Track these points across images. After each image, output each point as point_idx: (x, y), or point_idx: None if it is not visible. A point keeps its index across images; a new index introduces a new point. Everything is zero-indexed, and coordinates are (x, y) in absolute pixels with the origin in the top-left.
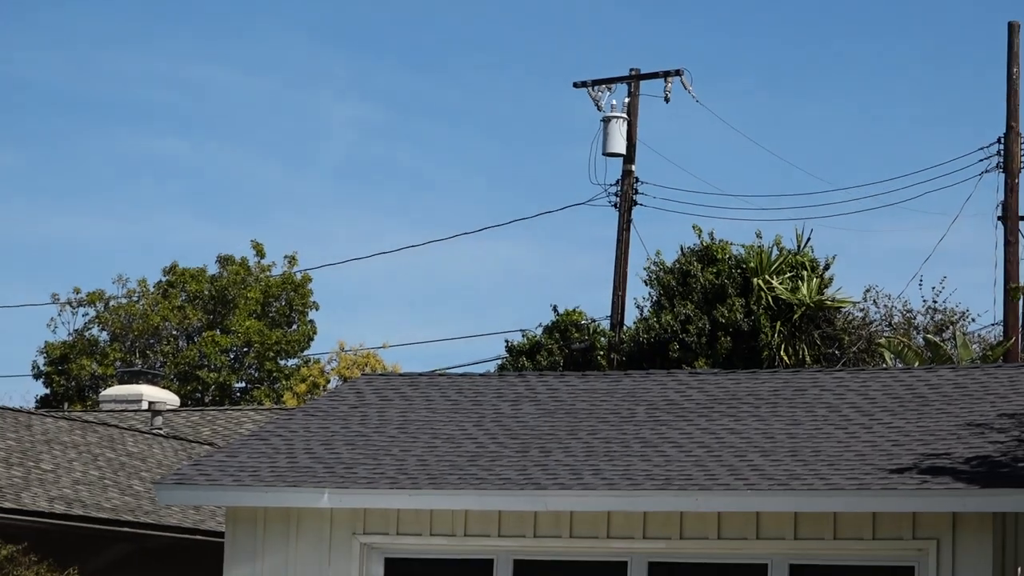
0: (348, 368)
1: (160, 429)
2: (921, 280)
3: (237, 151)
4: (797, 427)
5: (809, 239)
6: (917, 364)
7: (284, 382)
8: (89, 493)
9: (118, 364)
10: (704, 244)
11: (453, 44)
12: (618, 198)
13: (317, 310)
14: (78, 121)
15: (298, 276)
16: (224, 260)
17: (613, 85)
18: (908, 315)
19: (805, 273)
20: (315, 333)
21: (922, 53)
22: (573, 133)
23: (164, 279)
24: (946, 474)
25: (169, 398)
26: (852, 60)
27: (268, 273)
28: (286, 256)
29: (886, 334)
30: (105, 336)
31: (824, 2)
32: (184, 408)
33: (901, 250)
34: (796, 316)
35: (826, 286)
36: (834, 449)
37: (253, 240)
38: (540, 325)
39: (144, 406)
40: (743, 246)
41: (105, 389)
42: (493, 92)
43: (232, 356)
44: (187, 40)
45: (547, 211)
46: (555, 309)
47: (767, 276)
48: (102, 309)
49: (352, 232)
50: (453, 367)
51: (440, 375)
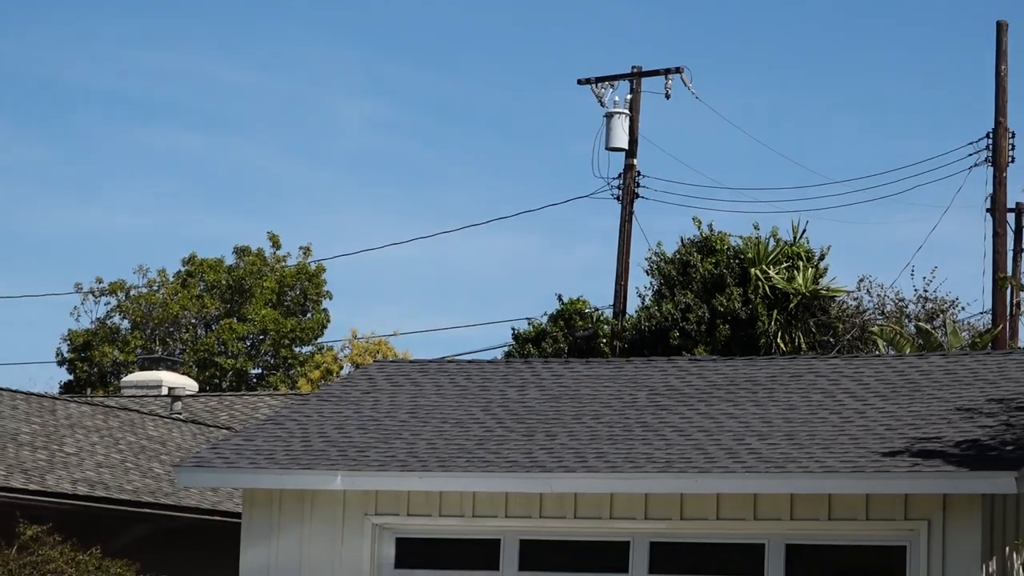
0: (360, 355)
1: (179, 414)
2: (913, 270)
3: (253, 147)
4: (793, 412)
5: (805, 230)
6: (909, 351)
7: (299, 369)
8: (111, 476)
9: (139, 351)
10: (703, 235)
11: (461, 43)
12: (620, 191)
13: (330, 299)
14: (102, 117)
15: (312, 266)
16: (241, 251)
17: (616, 82)
18: (900, 304)
19: (801, 263)
20: (328, 321)
21: (915, 51)
22: (577, 128)
23: (183, 269)
24: (937, 457)
25: (188, 384)
26: (847, 58)
27: (283, 263)
28: (301, 247)
29: (879, 322)
30: (126, 324)
31: (821, 2)
32: (202, 393)
33: (893, 241)
34: (792, 305)
35: (821, 276)
36: (829, 433)
37: (269, 232)
38: (545, 314)
39: (164, 392)
40: (741, 237)
41: (126, 375)
42: (500, 89)
43: (249, 343)
44: (206, 40)
45: (552, 204)
46: (560, 298)
47: (764, 266)
48: (123, 298)
49: (364, 224)
50: (461, 354)
51: (449, 362)
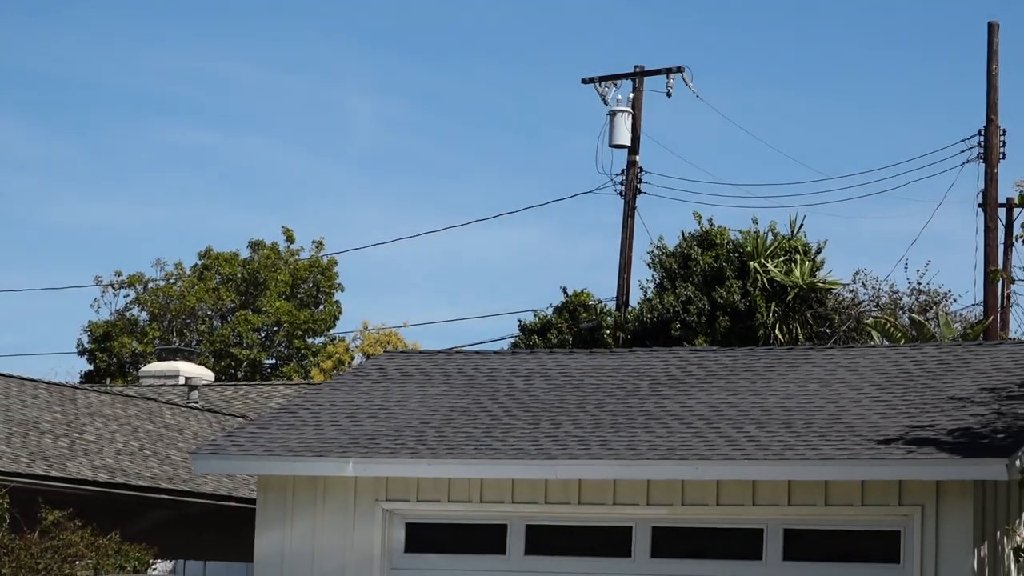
0: (371, 346)
1: (196, 403)
2: (907, 263)
3: (268, 143)
4: (791, 401)
5: (802, 225)
6: (903, 342)
7: (311, 359)
8: (130, 462)
9: (157, 342)
10: (704, 230)
11: (471, 45)
12: (623, 187)
13: (342, 291)
14: (123, 116)
15: (325, 260)
16: (255, 245)
17: (619, 81)
18: (894, 296)
19: (798, 257)
20: (340, 313)
21: (909, 51)
22: (581, 126)
23: (199, 263)
24: (930, 445)
25: (204, 374)
26: (844, 57)
27: (297, 257)
28: (313, 241)
29: (874, 314)
30: (144, 316)
31: (818, 3)
32: (218, 383)
33: (888, 235)
34: (790, 297)
35: (818, 269)
36: (825, 421)
37: (283, 226)
38: (551, 306)
39: (181, 381)
40: (740, 232)
41: (144, 365)
42: (506, 88)
43: (263, 335)
44: (223, 41)
45: (557, 199)
46: (564, 291)
47: (763, 260)
48: (142, 291)
49: (375, 218)
50: (469, 345)
51: (457, 352)
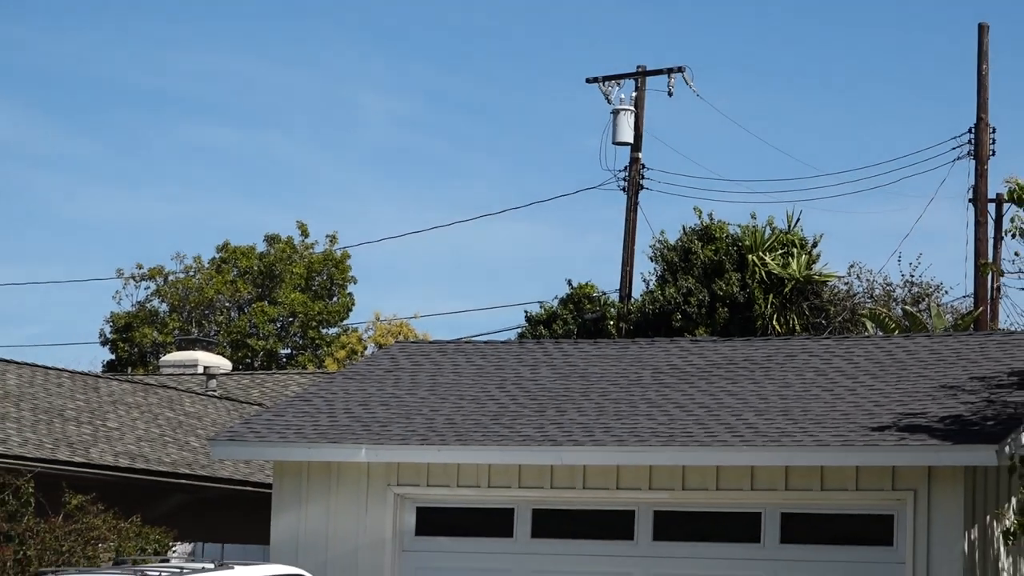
0: (383, 336)
1: (214, 391)
2: (900, 256)
3: (283, 140)
4: (788, 389)
5: (799, 219)
6: (896, 333)
7: (325, 349)
8: (151, 449)
9: (176, 332)
10: (704, 224)
11: (478, 45)
12: (626, 183)
13: (355, 284)
14: (144, 113)
15: (338, 253)
16: (271, 239)
17: (622, 81)
18: (888, 288)
19: (795, 250)
20: (353, 305)
21: (902, 53)
22: (585, 124)
23: (217, 256)
24: (922, 432)
25: (222, 363)
26: (841, 57)
27: (311, 250)
28: (327, 235)
29: (868, 305)
30: (165, 307)
31: (816, 3)
32: (236, 372)
33: (882, 229)
34: (787, 289)
35: (814, 262)
36: (821, 409)
37: (298, 220)
38: (556, 297)
39: (200, 370)
40: (739, 226)
41: (165, 355)
42: (514, 88)
43: (279, 325)
44: (241, 41)
45: (562, 195)
46: (569, 283)
47: (761, 253)
48: (162, 283)
49: (387, 213)
50: (478, 335)
51: (466, 343)
